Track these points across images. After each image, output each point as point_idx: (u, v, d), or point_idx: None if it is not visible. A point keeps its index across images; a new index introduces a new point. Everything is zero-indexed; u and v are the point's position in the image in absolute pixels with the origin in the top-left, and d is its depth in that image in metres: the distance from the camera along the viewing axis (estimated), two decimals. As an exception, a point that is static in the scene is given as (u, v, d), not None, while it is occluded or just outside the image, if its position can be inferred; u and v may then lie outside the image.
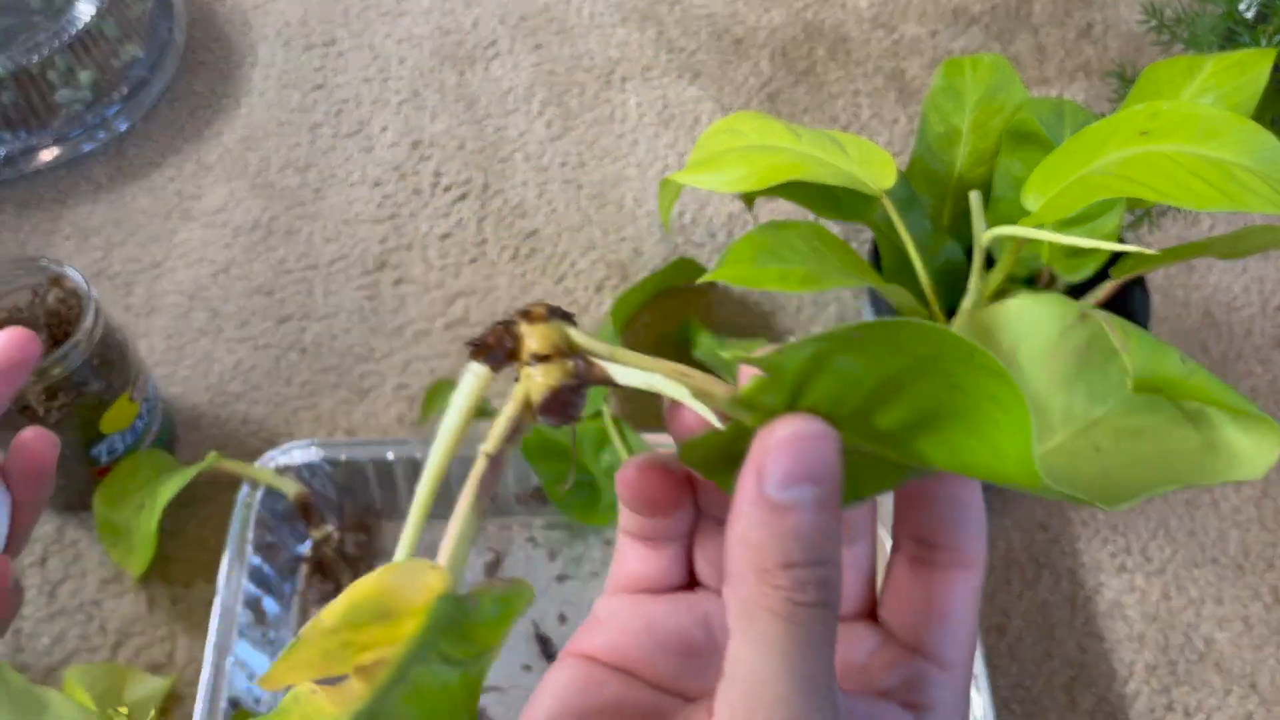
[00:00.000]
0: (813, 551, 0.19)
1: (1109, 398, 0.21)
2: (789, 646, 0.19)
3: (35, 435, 0.40)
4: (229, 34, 0.77)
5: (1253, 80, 0.48)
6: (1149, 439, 0.20)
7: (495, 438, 0.20)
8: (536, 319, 0.21)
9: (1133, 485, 0.20)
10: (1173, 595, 0.55)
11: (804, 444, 0.19)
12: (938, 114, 0.55)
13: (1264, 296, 0.65)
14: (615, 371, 0.20)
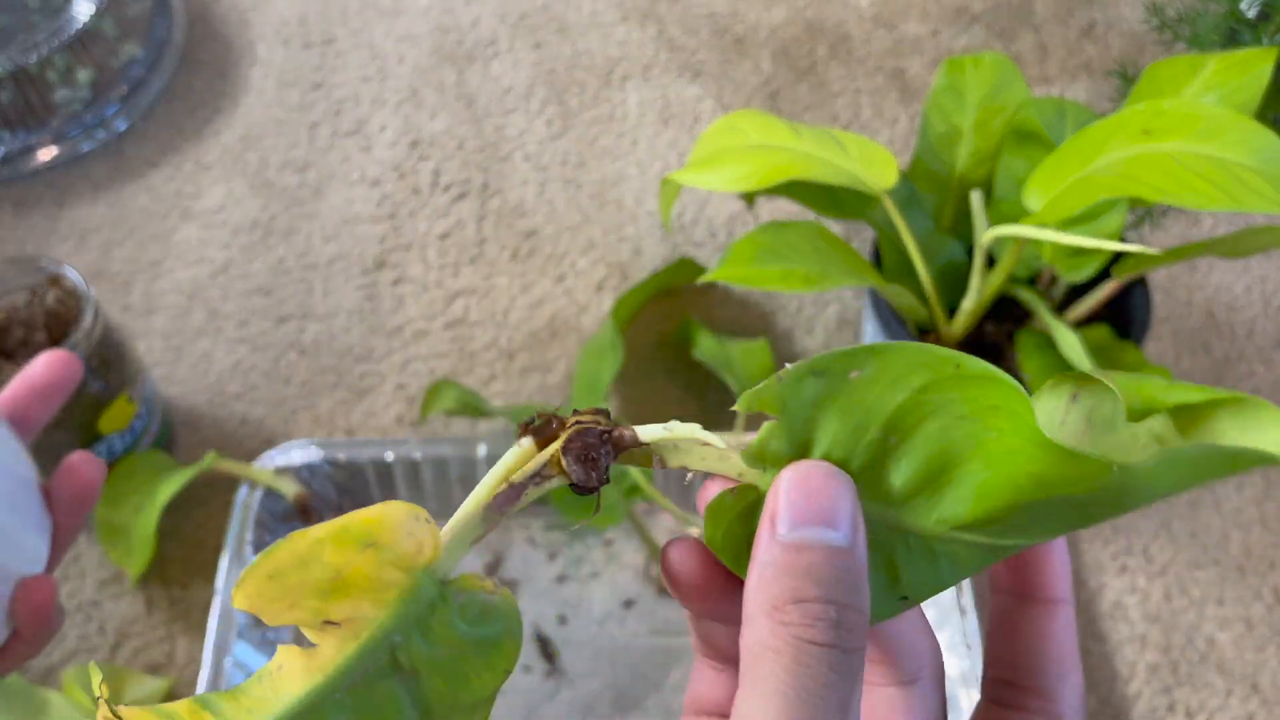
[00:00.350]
0: (826, 589, 0.18)
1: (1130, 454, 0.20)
2: (790, 690, 0.17)
3: (83, 460, 0.39)
4: (227, 33, 0.76)
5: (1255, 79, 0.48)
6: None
7: (524, 471, 0.21)
8: (584, 413, 0.22)
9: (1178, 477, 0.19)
10: (1174, 596, 0.54)
11: (814, 483, 0.19)
12: (939, 113, 0.55)
13: (1266, 296, 0.65)
14: (640, 432, 0.21)
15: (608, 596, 0.52)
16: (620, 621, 0.51)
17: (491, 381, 0.60)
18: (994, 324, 0.52)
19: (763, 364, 0.57)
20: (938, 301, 0.51)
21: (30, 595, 0.37)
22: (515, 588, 0.52)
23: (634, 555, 0.53)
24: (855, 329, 0.63)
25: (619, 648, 0.51)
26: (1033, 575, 0.22)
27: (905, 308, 0.50)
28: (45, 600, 0.37)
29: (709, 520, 0.20)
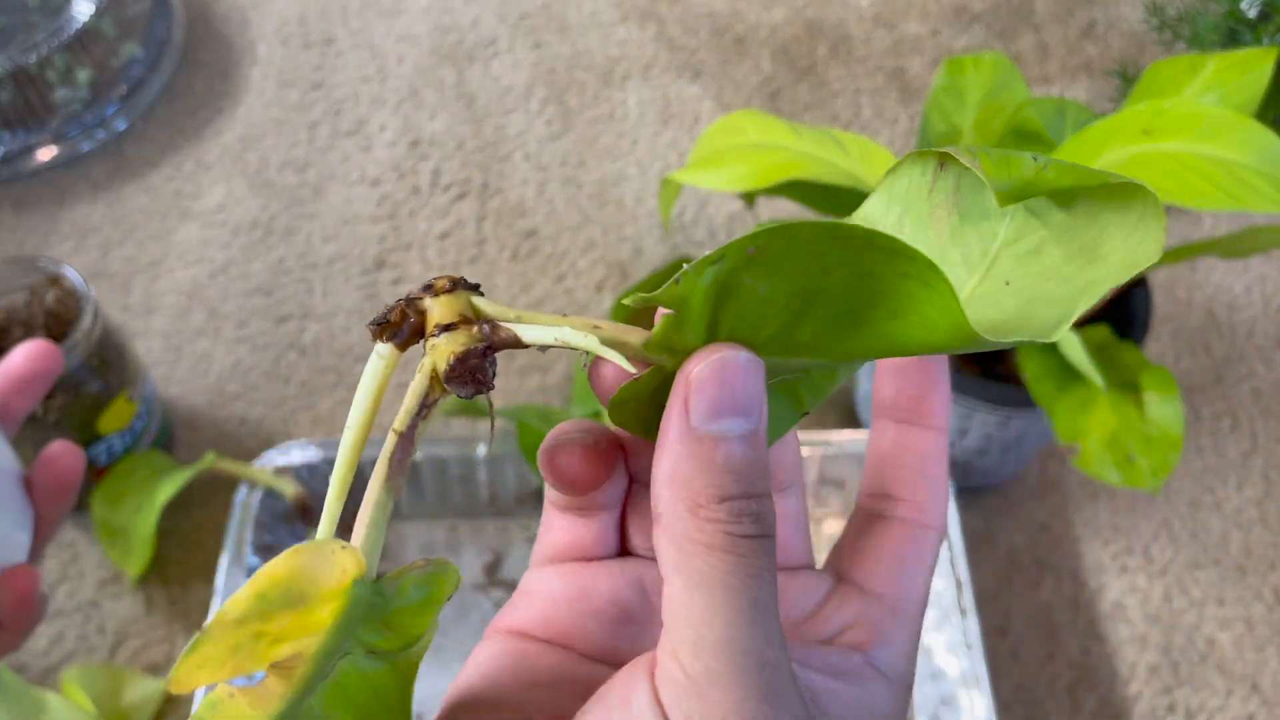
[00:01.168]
0: (747, 484, 0.19)
1: (997, 228, 0.20)
2: (731, 580, 0.18)
3: (64, 450, 0.40)
4: (227, 33, 0.76)
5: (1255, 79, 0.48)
6: (1050, 251, 0.20)
7: (404, 413, 0.20)
8: (440, 291, 0.20)
9: (1058, 304, 0.19)
10: (1175, 596, 0.54)
11: (728, 373, 0.19)
12: (939, 113, 0.55)
13: (1266, 296, 0.65)
14: (522, 332, 0.20)
15: (607, 597, 0.52)
16: (620, 622, 0.51)
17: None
18: (994, 324, 0.52)
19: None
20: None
21: (12, 585, 0.37)
22: (515, 588, 0.52)
23: (634, 555, 0.53)
24: (855, 329, 0.63)
25: (619, 648, 0.51)
26: (919, 404, 0.23)
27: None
28: (27, 590, 0.37)
29: (615, 408, 0.20)
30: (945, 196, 0.20)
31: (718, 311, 0.19)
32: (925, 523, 0.23)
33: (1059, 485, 0.57)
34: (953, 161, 0.20)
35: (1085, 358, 0.45)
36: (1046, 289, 0.20)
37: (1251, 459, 0.59)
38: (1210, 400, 0.61)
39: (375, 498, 0.19)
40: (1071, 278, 0.20)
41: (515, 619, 0.23)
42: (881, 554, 0.23)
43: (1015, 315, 0.20)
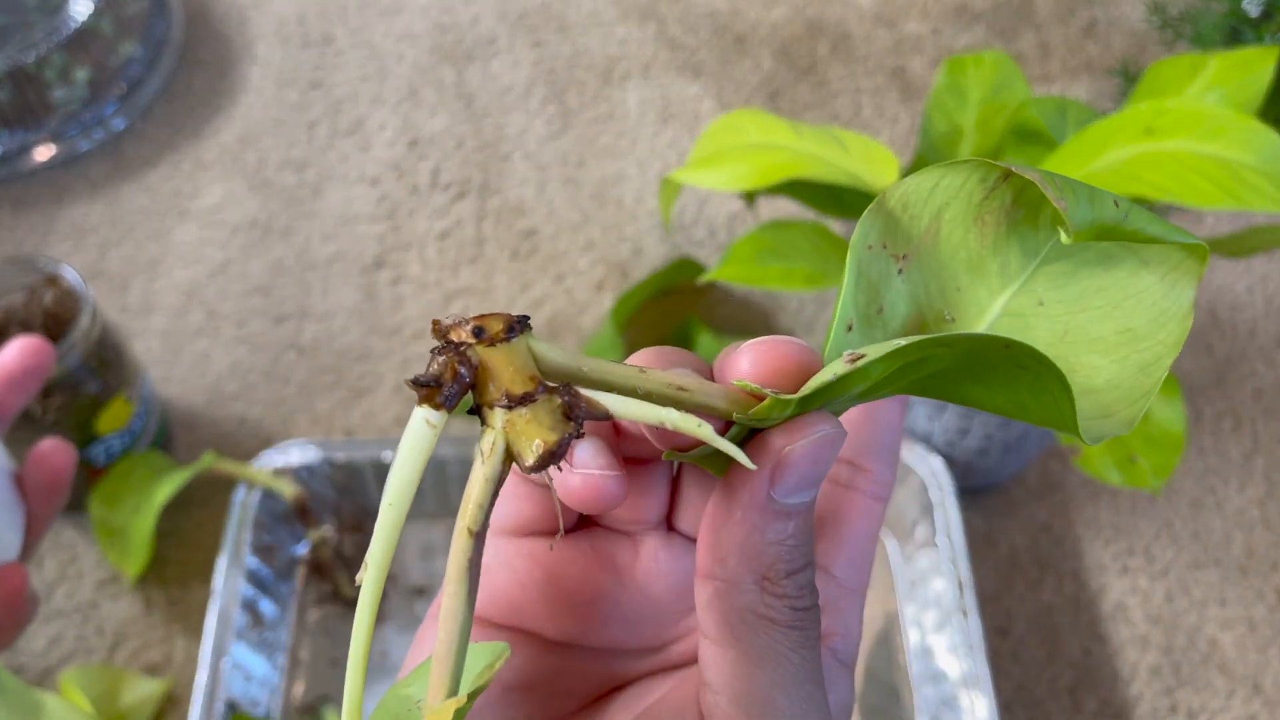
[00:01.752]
0: (808, 553, 0.19)
1: (1041, 247, 0.20)
2: (794, 656, 0.18)
3: (54, 447, 0.39)
4: (226, 32, 0.76)
5: (1257, 78, 0.48)
6: (1085, 278, 0.20)
7: (475, 508, 0.17)
8: (496, 339, 0.17)
9: (1097, 350, 0.19)
10: (1176, 597, 0.54)
11: (823, 451, 0.18)
12: (941, 112, 0.55)
13: (1268, 296, 0.65)
14: (611, 404, 0.17)
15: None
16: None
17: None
18: (995, 324, 0.52)
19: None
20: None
21: (2, 584, 0.37)
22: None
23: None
24: (856, 329, 0.63)
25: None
26: (873, 456, 0.23)
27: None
28: (17, 589, 0.37)
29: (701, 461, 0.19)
30: (999, 206, 0.20)
31: (823, 389, 0.18)
32: (880, 494, 0.23)
33: (1060, 486, 0.57)
34: (1017, 178, 0.19)
35: (1087, 358, 0.45)
36: (1081, 323, 0.20)
37: (1253, 459, 0.59)
38: (1212, 400, 0.61)
39: (456, 614, 0.16)
40: (1104, 318, 0.20)
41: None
42: (848, 537, 0.23)
43: (1044, 340, 0.20)
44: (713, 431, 0.17)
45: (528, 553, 0.22)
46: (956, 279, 0.20)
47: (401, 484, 0.17)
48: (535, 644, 0.22)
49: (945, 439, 0.52)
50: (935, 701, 0.48)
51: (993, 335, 0.17)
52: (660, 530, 0.22)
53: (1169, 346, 0.19)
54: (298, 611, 0.51)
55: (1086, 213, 0.19)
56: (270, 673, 0.49)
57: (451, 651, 0.16)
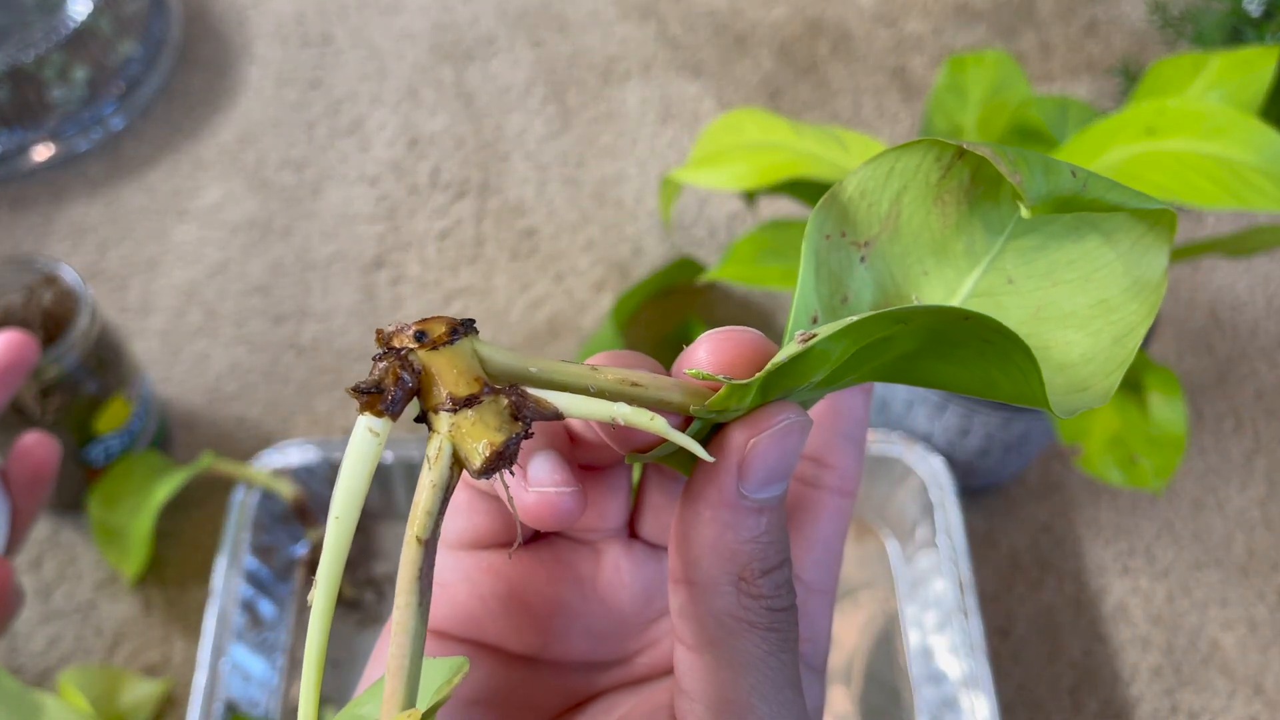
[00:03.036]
0: (783, 549, 0.18)
1: (1006, 223, 0.20)
2: (773, 660, 0.18)
3: (37, 441, 0.39)
4: (225, 31, 0.76)
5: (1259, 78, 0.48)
6: (1053, 251, 0.20)
7: (424, 515, 0.16)
8: (439, 342, 0.16)
9: (1072, 326, 0.19)
10: (1177, 597, 0.54)
11: (789, 441, 0.18)
12: (941, 111, 0.54)
13: (1269, 295, 0.65)
14: (560, 402, 0.17)
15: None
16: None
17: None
18: (996, 324, 0.52)
19: (763, 364, 0.57)
20: (939, 301, 0.50)
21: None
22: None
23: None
24: (856, 329, 0.63)
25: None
26: (839, 453, 0.23)
27: (907, 307, 0.49)
28: (2, 583, 0.37)
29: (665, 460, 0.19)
30: (957, 185, 0.20)
31: (781, 374, 0.18)
32: (847, 490, 0.22)
33: (1061, 486, 0.57)
34: (971, 155, 0.19)
35: (1088, 358, 0.44)
36: (1053, 298, 0.20)
37: (1255, 460, 0.59)
38: (1213, 401, 0.61)
39: (407, 626, 0.16)
40: (1076, 292, 0.19)
41: (433, 616, 0.21)
42: (815, 537, 0.22)
43: (1017, 319, 0.20)
44: (666, 424, 0.17)
45: (487, 565, 0.21)
46: (922, 262, 0.20)
47: (348, 495, 0.16)
48: (497, 658, 0.21)
49: (946, 439, 0.52)
50: (936, 702, 0.48)
51: (949, 306, 0.17)
52: (622, 538, 0.21)
53: (1143, 316, 0.19)
54: (296, 612, 0.51)
55: (1042, 185, 0.18)
56: (269, 673, 0.48)
57: (404, 665, 0.16)
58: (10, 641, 0.51)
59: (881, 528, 0.54)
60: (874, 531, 0.54)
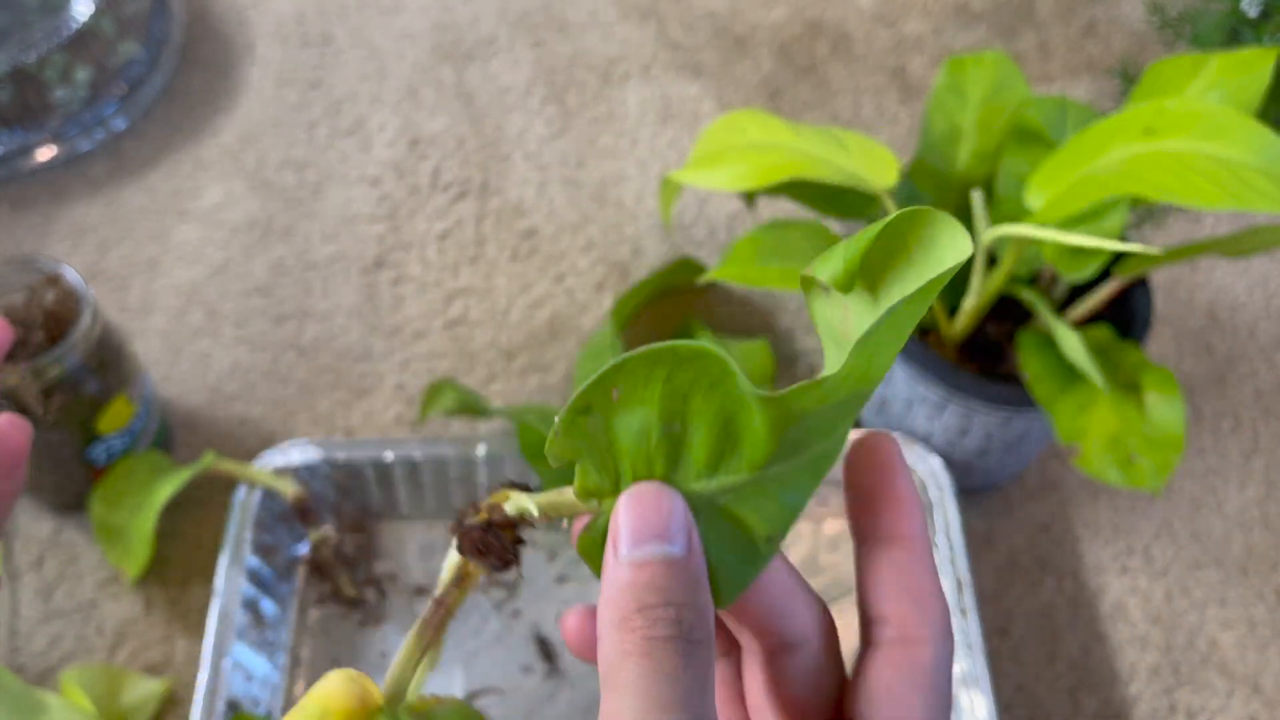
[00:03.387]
0: (667, 595, 0.20)
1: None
2: (647, 681, 0.19)
3: (10, 423, 0.39)
4: (226, 32, 0.76)
5: (1257, 78, 0.48)
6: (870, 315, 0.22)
7: (441, 584, 0.23)
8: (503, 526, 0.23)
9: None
10: (1176, 597, 0.54)
11: (642, 503, 0.21)
12: (941, 112, 0.55)
13: (1268, 296, 0.65)
14: (509, 509, 0.23)
15: (607, 597, 0.52)
16: (620, 622, 0.51)
17: (491, 382, 0.60)
18: (995, 323, 0.52)
19: (763, 363, 0.57)
20: (938, 301, 0.50)
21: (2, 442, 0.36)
22: (514, 588, 0.52)
23: (634, 556, 0.53)
24: (856, 329, 0.63)
25: (619, 649, 0.51)
26: (889, 517, 0.23)
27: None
28: (19, 447, 0.37)
29: (584, 555, 0.22)
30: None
31: (611, 456, 0.21)
32: (915, 636, 0.22)
33: (1060, 485, 0.57)
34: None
35: (1086, 358, 0.45)
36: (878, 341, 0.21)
37: (1253, 459, 0.59)
38: (1212, 400, 0.61)
39: (409, 649, 0.22)
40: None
41: None
42: (875, 687, 0.22)
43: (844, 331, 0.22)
44: (537, 509, 0.23)
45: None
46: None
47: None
48: None
49: (945, 439, 0.52)
50: (935, 701, 0.48)
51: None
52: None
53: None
54: (298, 611, 0.51)
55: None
56: (271, 672, 0.49)
57: (398, 664, 0.23)
58: (12, 641, 0.51)
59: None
60: (873, 531, 0.54)
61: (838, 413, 0.21)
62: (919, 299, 0.20)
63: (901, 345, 0.21)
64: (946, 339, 0.51)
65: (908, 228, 0.21)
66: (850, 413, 0.21)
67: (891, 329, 0.20)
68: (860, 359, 0.20)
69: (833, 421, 0.21)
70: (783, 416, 0.20)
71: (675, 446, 0.21)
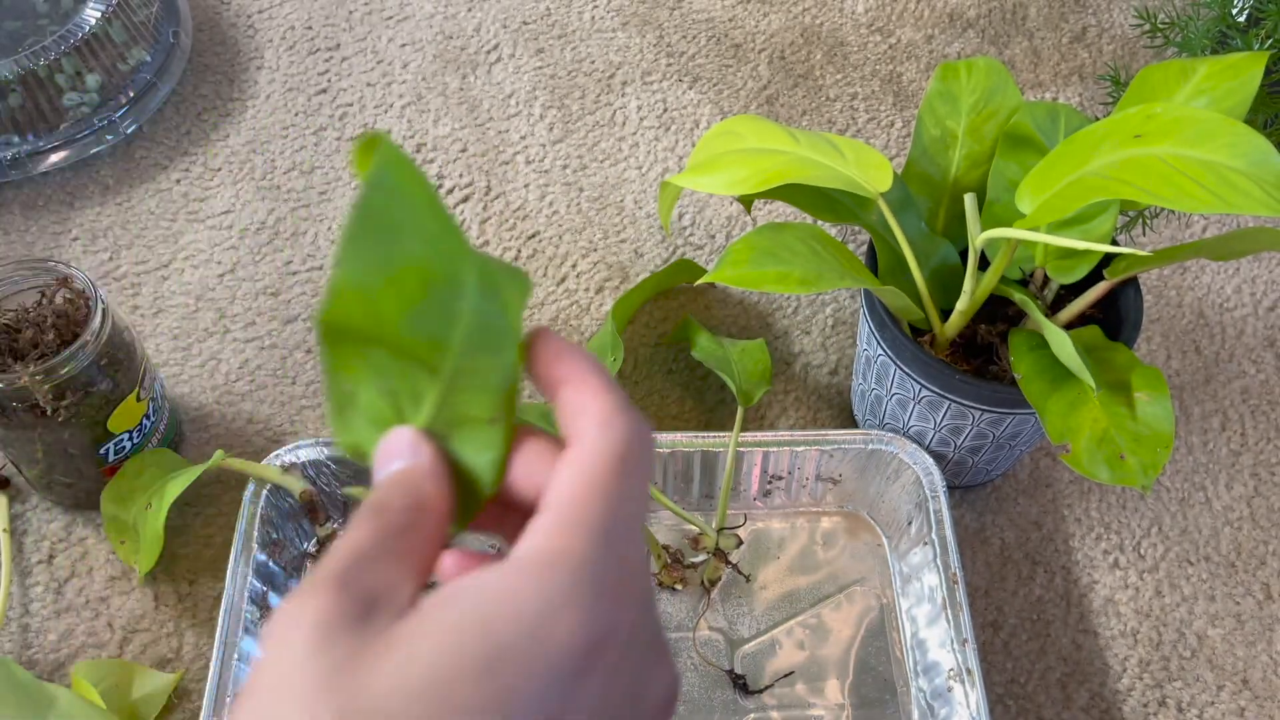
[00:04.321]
0: (393, 491, 0.25)
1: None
2: (350, 533, 0.25)
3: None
4: (234, 38, 0.77)
5: (1245, 84, 0.49)
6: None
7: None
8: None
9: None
10: (1166, 592, 0.55)
11: (383, 442, 0.26)
12: (933, 117, 0.56)
13: (1255, 297, 0.66)
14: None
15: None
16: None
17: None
18: (987, 324, 0.53)
19: (761, 363, 0.58)
20: (931, 303, 0.52)
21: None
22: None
23: (634, 552, 0.54)
24: (851, 329, 0.64)
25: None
26: (558, 371, 0.27)
27: (900, 309, 0.50)
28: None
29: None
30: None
31: (367, 425, 0.27)
32: (581, 437, 0.26)
33: (1051, 482, 0.58)
34: None
35: (1076, 358, 0.46)
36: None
37: (1241, 457, 0.60)
38: (1200, 399, 0.62)
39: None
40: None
41: None
42: (553, 482, 0.25)
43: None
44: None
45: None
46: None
47: None
48: None
49: (938, 436, 0.53)
50: (927, 693, 0.49)
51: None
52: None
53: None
54: (305, 606, 0.52)
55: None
56: (279, 665, 0.49)
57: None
58: (24, 636, 0.52)
59: (875, 523, 0.55)
60: (868, 527, 0.55)
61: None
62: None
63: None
64: (940, 339, 0.52)
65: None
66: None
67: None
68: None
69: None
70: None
71: (394, 401, 0.26)
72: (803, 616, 0.53)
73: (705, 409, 0.60)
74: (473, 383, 0.26)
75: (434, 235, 0.24)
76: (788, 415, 0.60)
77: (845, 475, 0.55)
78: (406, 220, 0.24)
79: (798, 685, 0.51)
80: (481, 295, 0.25)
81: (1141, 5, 0.80)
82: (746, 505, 0.56)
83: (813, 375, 0.62)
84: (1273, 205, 0.40)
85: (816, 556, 0.55)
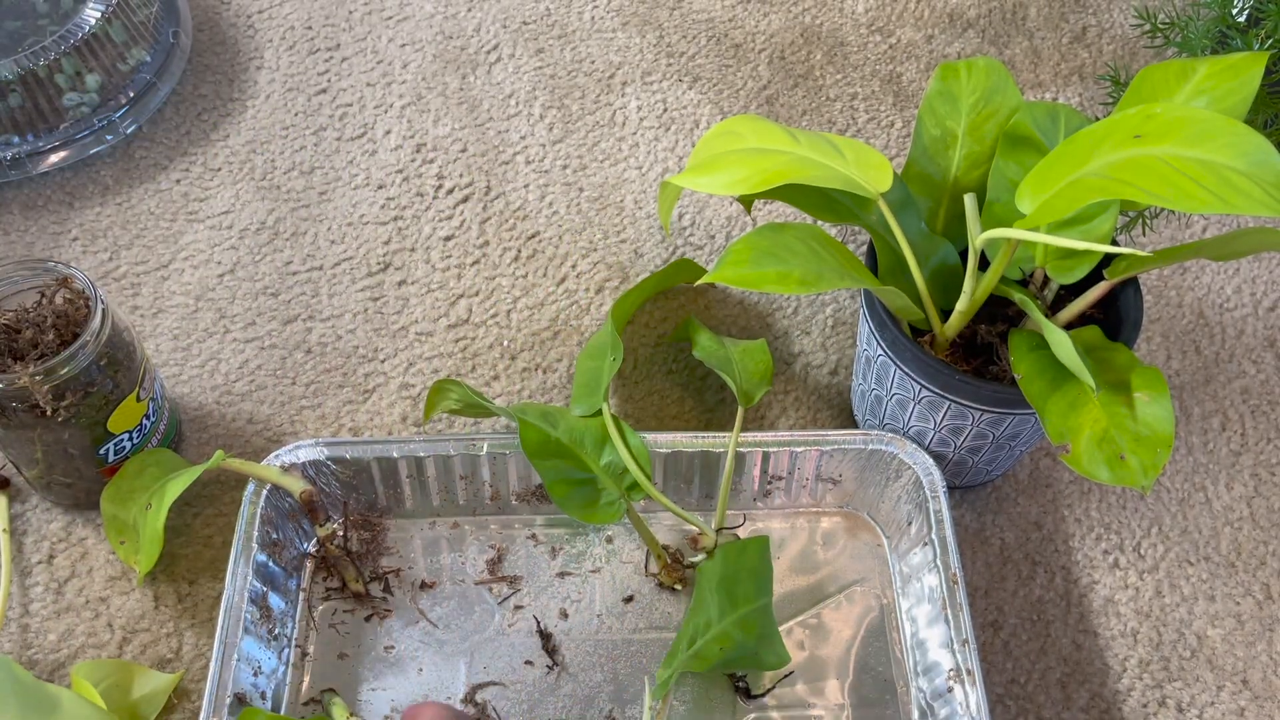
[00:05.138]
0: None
1: None
2: None
3: None
4: (234, 38, 0.77)
5: (1245, 84, 0.49)
6: None
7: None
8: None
9: None
10: (1165, 592, 0.55)
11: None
12: (933, 118, 0.56)
13: (1255, 297, 0.66)
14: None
15: (608, 592, 0.53)
16: (620, 616, 0.52)
17: (494, 381, 0.61)
18: (987, 325, 0.53)
19: (762, 364, 0.58)
20: (931, 303, 0.52)
21: None
22: (517, 583, 0.53)
23: (634, 552, 0.54)
24: (851, 329, 0.64)
25: (619, 642, 0.52)
26: None
27: (900, 309, 0.50)
28: None
29: None
30: None
31: None
32: None
33: (1051, 482, 0.58)
34: None
35: (1076, 358, 0.46)
36: None
37: (1241, 457, 0.60)
38: (1200, 399, 0.62)
39: None
40: None
41: None
42: None
43: None
44: None
45: None
46: None
47: None
48: None
49: (939, 437, 0.53)
50: (928, 693, 0.49)
51: None
52: None
53: None
54: (305, 606, 0.52)
55: None
56: (278, 666, 0.50)
57: None
58: (24, 636, 0.52)
59: (875, 524, 0.55)
60: (868, 527, 0.55)
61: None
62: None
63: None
64: (940, 339, 0.52)
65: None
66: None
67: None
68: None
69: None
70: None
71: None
72: (803, 617, 0.53)
73: (705, 409, 0.60)
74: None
75: None
76: (788, 415, 0.60)
77: (845, 475, 0.55)
78: None
79: (798, 685, 0.51)
80: None
81: (1141, 5, 0.80)
82: (746, 505, 0.56)
83: (813, 375, 0.62)
84: (1273, 205, 0.40)
85: (816, 557, 0.55)
